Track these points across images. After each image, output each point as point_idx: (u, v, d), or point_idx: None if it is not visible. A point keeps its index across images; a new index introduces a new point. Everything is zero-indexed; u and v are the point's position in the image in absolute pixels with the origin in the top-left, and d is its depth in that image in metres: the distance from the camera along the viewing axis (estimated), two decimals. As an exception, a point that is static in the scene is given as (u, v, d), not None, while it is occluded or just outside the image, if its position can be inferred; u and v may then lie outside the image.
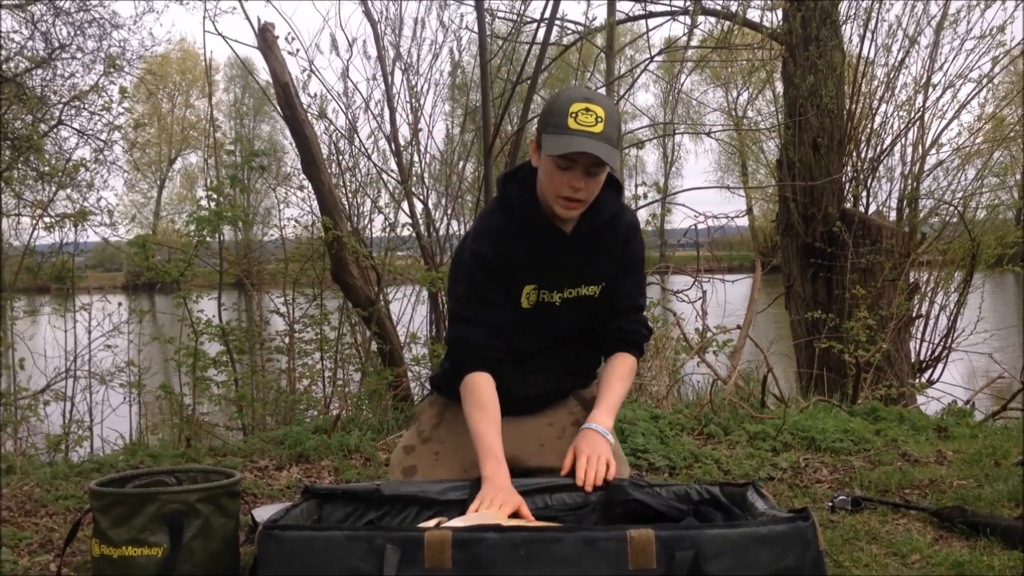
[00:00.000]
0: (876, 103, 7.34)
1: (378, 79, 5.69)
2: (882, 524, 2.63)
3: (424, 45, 5.89)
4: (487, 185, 5.24)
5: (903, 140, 7.41)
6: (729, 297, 6.00)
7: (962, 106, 7.36)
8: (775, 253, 8.07)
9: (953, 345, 7.00)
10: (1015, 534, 2.35)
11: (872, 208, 7.58)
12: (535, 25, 5.94)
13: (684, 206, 6.37)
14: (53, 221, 5.35)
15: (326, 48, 5.70)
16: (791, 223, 7.30)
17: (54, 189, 6.09)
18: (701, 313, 5.67)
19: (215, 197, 4.67)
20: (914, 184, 7.49)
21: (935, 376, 6.97)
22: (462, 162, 6.17)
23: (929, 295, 7.18)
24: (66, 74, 7.95)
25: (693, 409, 4.25)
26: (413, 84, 5.78)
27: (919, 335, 7.14)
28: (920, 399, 6.21)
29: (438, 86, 6.01)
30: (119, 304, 5.46)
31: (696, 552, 1.56)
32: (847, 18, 7.31)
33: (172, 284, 4.53)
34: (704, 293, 5.66)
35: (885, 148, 7.43)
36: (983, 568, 2.19)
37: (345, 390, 5.29)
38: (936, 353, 7.09)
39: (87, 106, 7.29)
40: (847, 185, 7.44)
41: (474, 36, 5.60)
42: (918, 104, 7.33)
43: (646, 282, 2.35)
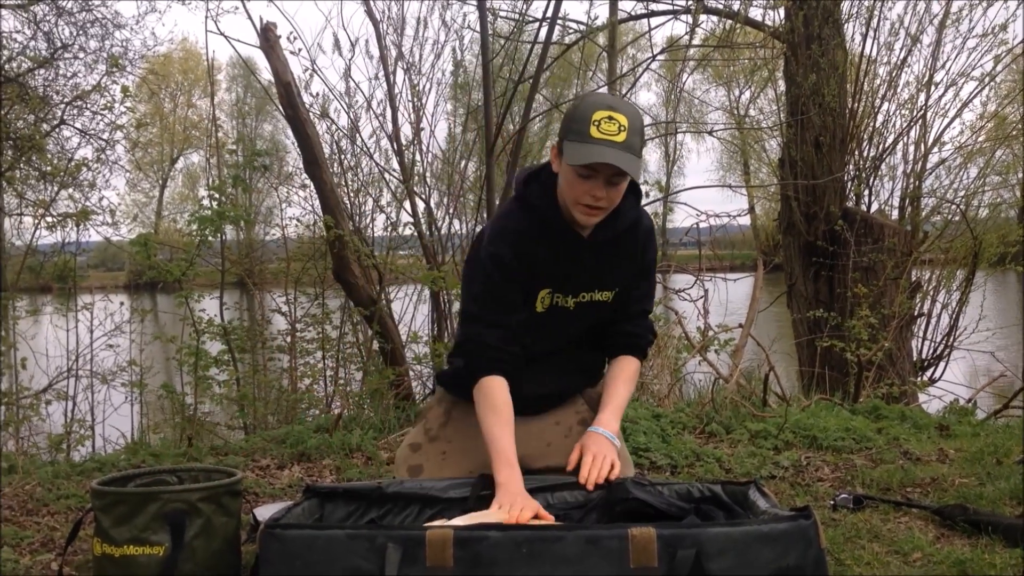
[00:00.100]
0: (878, 101, 7.34)
1: (380, 78, 5.68)
2: (884, 522, 2.63)
3: (426, 44, 5.86)
4: (489, 184, 5.24)
5: (905, 138, 7.42)
6: (731, 296, 6.00)
7: (964, 104, 7.37)
8: (777, 252, 8.06)
9: (955, 344, 7.00)
10: (1017, 532, 2.35)
11: (874, 207, 7.59)
12: (537, 24, 5.94)
13: (686, 205, 6.38)
14: (55, 221, 5.34)
15: (328, 48, 5.69)
16: (793, 222, 7.30)
17: (56, 189, 6.09)
18: (703, 312, 5.67)
19: (217, 196, 4.68)
20: (916, 182, 7.49)
21: (937, 374, 6.97)
22: (464, 161, 6.16)
23: (931, 294, 7.18)
24: (68, 74, 7.99)
25: (695, 408, 4.25)
26: (415, 83, 5.78)
27: (921, 333, 7.13)
28: (922, 397, 6.20)
29: (440, 85, 6.00)
30: (121, 303, 5.45)
31: (698, 550, 1.56)
32: (849, 16, 7.31)
33: (174, 283, 4.53)
34: (706, 292, 5.66)
35: (887, 146, 7.43)
36: (985, 566, 2.19)
37: (347, 389, 5.29)
38: (938, 351, 7.09)
39: (89, 106, 7.31)
40: (849, 184, 7.43)
41: (476, 35, 5.60)
42: (920, 102, 7.34)
43: (656, 288, 2.34)
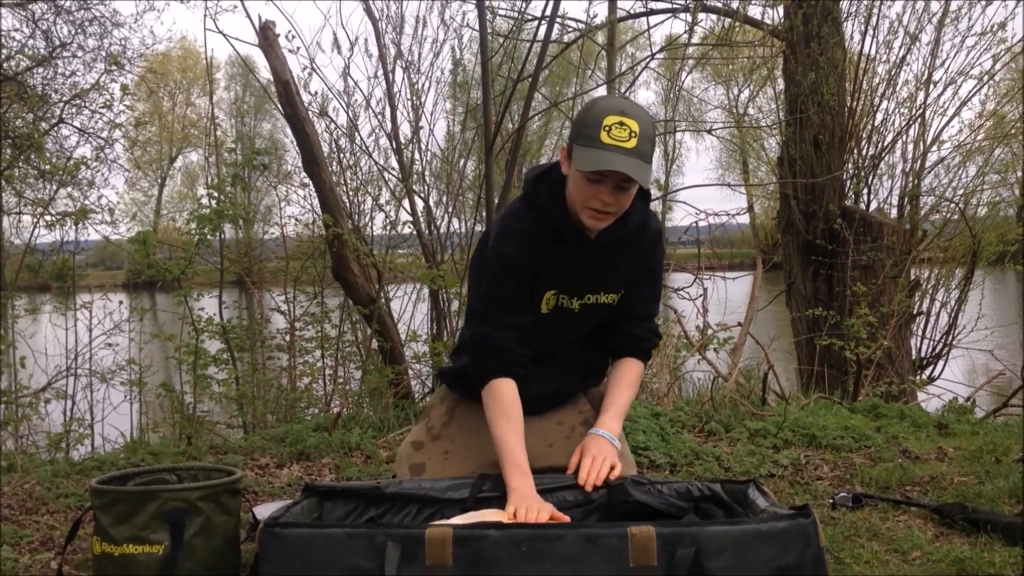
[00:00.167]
0: (877, 100, 7.35)
1: (379, 77, 5.68)
2: (883, 521, 2.63)
3: (425, 43, 5.87)
4: (488, 183, 5.24)
5: (904, 137, 7.41)
6: (730, 294, 6.00)
7: (963, 103, 7.37)
8: (776, 250, 8.07)
9: (954, 342, 7.01)
10: (1015, 530, 2.35)
11: (873, 205, 7.59)
12: (536, 23, 5.93)
13: (685, 203, 6.38)
14: (54, 219, 5.34)
15: (327, 46, 5.67)
16: (792, 220, 7.30)
17: (55, 187, 6.07)
18: (702, 310, 5.67)
19: (216, 195, 4.67)
20: (915, 181, 7.48)
21: (936, 373, 6.98)
22: (463, 160, 6.16)
23: (930, 292, 7.19)
24: (67, 72, 7.99)
25: (694, 406, 4.26)
26: (414, 82, 5.77)
27: (920, 332, 7.14)
28: (921, 396, 6.20)
29: (439, 84, 6.00)
30: (120, 302, 5.44)
31: (697, 549, 1.56)
32: (848, 15, 7.32)
33: (173, 282, 4.52)
34: (705, 290, 5.66)
35: (886, 145, 7.43)
36: (984, 564, 2.19)
37: (346, 388, 5.29)
38: (937, 350, 7.09)
39: (88, 104, 7.30)
40: (848, 182, 7.44)
41: (475, 34, 5.59)
42: (919, 101, 7.34)
43: (661, 290, 2.32)
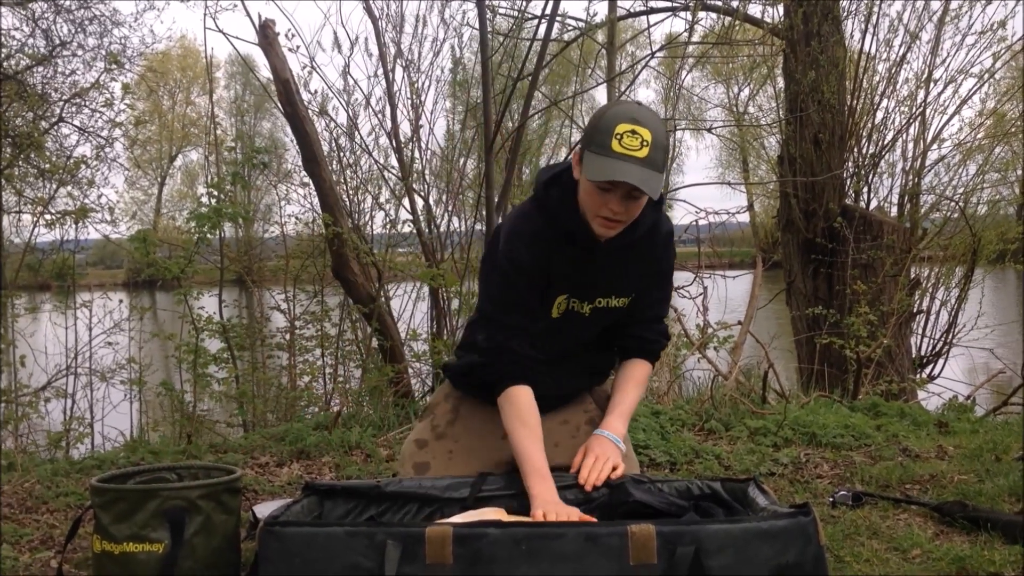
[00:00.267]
0: (877, 99, 7.34)
1: (379, 76, 5.68)
2: (883, 519, 2.63)
3: (425, 42, 5.86)
4: (488, 181, 5.23)
5: (904, 136, 7.40)
6: (730, 293, 6.00)
7: (963, 102, 7.35)
8: (776, 249, 8.07)
9: (954, 341, 7.00)
10: (1016, 529, 2.35)
11: (873, 204, 7.58)
12: (536, 21, 5.93)
13: (685, 202, 6.35)
14: (54, 218, 5.34)
15: (327, 45, 5.67)
16: (792, 219, 7.30)
17: (55, 186, 6.07)
18: (702, 309, 5.67)
19: (216, 194, 4.67)
20: (915, 180, 7.48)
21: (936, 371, 6.98)
22: (463, 159, 6.15)
23: (930, 291, 7.19)
24: (67, 71, 7.99)
25: (694, 405, 4.26)
26: (414, 81, 5.77)
27: (920, 331, 7.14)
28: (921, 394, 6.20)
29: (439, 83, 5.99)
30: (120, 301, 5.44)
31: (697, 547, 1.56)
32: (848, 13, 7.30)
33: (173, 281, 4.53)
34: (705, 289, 5.65)
35: (886, 144, 7.42)
36: (984, 563, 2.19)
37: (346, 386, 5.29)
38: (937, 349, 7.09)
39: (88, 103, 7.30)
40: (848, 181, 7.43)
41: (475, 33, 5.58)
42: (919, 100, 7.33)
43: (672, 293, 2.30)
